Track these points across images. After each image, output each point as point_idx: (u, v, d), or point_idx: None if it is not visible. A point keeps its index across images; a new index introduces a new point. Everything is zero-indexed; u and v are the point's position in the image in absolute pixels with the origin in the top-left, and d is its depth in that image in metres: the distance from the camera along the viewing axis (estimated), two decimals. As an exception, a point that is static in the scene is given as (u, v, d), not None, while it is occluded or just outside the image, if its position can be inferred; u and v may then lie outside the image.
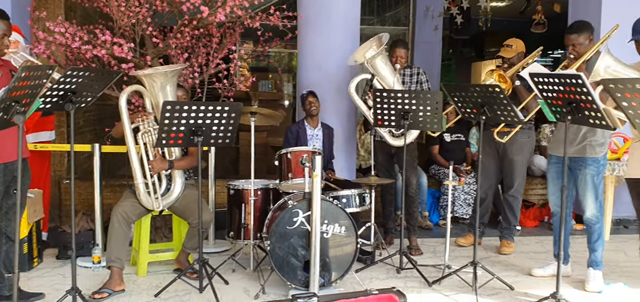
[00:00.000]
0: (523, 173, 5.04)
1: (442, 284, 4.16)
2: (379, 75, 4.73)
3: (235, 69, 5.17)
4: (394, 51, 4.86)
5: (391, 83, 4.72)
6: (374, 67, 4.72)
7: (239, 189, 4.42)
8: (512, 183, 4.99)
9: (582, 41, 3.98)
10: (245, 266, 4.39)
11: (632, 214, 6.06)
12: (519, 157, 4.92)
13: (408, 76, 4.99)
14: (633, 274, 4.43)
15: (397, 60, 4.81)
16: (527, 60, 4.68)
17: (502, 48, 4.87)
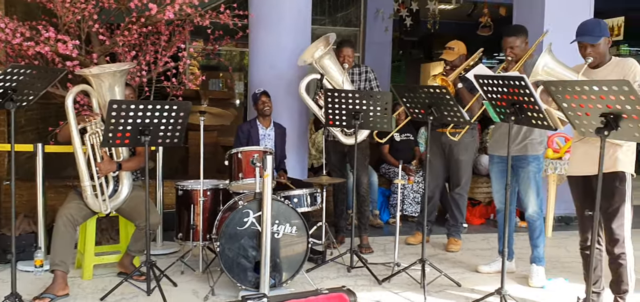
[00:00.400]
0: (469, 172, 5.17)
1: (391, 282, 4.21)
2: (328, 75, 4.77)
3: (185, 68, 5.09)
4: (341, 51, 4.91)
5: (340, 82, 4.76)
6: (322, 67, 4.75)
7: (188, 189, 4.36)
8: (458, 182, 5.12)
9: (519, 44, 4.14)
10: (195, 267, 4.33)
11: (573, 211, 6.32)
12: (464, 157, 5.04)
13: (357, 75, 5.04)
14: (573, 269, 4.60)
15: (345, 60, 4.86)
16: (469, 62, 4.80)
17: (444, 50, 4.98)
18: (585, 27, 3.40)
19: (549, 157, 5.58)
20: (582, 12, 6.16)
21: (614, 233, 3.36)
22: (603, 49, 3.36)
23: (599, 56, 3.36)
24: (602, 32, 3.35)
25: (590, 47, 3.34)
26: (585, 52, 3.37)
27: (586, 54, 3.36)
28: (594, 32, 3.34)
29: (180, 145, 3.89)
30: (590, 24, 3.42)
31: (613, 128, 2.71)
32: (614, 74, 3.28)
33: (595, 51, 3.34)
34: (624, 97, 2.58)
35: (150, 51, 4.98)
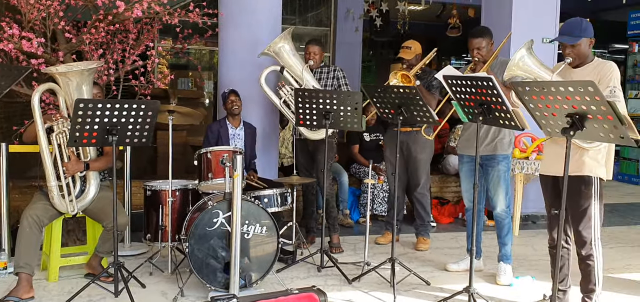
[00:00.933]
0: (427, 170, 5.22)
1: (361, 281, 4.23)
2: (287, 65, 4.79)
3: (153, 66, 5.02)
4: (307, 48, 4.96)
5: (299, 72, 4.77)
6: (281, 58, 4.77)
7: (156, 189, 4.30)
8: (418, 181, 5.16)
9: (485, 45, 4.20)
10: (163, 268, 4.27)
11: (539, 210, 6.47)
12: (422, 156, 5.10)
13: (325, 74, 5.06)
14: (540, 267, 4.69)
15: (311, 57, 4.90)
16: (425, 60, 4.87)
17: (401, 49, 5.03)
18: (566, 26, 3.40)
19: (516, 156, 5.68)
20: (549, 13, 6.29)
21: (581, 235, 3.40)
22: (583, 49, 3.34)
23: (578, 57, 3.36)
24: (583, 32, 3.33)
25: (569, 47, 3.35)
26: (565, 52, 3.39)
27: (566, 54, 3.38)
28: (573, 33, 3.34)
29: (149, 145, 3.84)
30: (572, 23, 3.39)
31: (578, 128, 2.76)
32: (592, 75, 3.28)
33: (574, 51, 3.34)
34: (589, 97, 2.64)
35: (118, 49, 4.90)
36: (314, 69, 4.98)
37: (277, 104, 4.90)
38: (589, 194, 3.36)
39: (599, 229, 3.41)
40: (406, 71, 4.81)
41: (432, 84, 4.96)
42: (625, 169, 9.79)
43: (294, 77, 4.82)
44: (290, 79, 4.83)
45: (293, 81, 4.83)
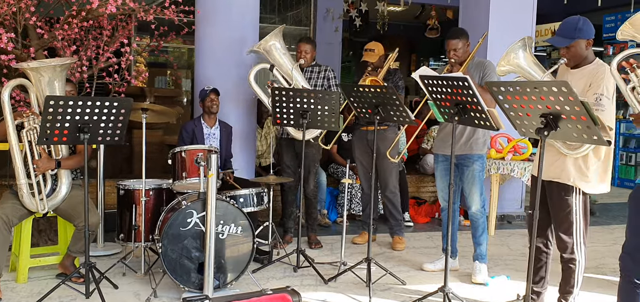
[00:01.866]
0: (396, 170, 5.22)
1: (338, 281, 4.21)
2: (277, 63, 4.75)
3: (127, 64, 4.94)
4: (298, 46, 4.95)
5: (289, 71, 4.74)
6: (271, 56, 4.73)
7: (130, 189, 4.24)
8: (387, 183, 5.15)
9: (461, 46, 4.20)
10: (136, 269, 4.20)
11: (515, 210, 6.52)
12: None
13: (316, 73, 5.04)
14: (515, 267, 4.72)
15: (302, 55, 4.89)
16: (389, 61, 4.88)
17: (364, 52, 5.04)
18: (562, 26, 3.31)
19: (492, 157, 5.71)
20: (525, 15, 6.35)
21: (562, 239, 3.38)
22: (578, 51, 3.25)
23: (573, 58, 3.28)
24: (577, 34, 3.22)
25: (563, 48, 3.28)
26: (560, 52, 3.32)
27: (561, 54, 3.32)
28: (567, 34, 3.25)
29: (122, 144, 3.77)
30: (567, 24, 3.29)
31: (552, 128, 2.76)
32: (585, 79, 3.24)
33: (568, 53, 3.27)
34: (562, 98, 2.64)
35: (91, 46, 4.82)
36: (305, 68, 4.95)
37: (266, 102, 4.87)
38: (569, 201, 3.32)
39: (582, 235, 3.35)
40: (372, 74, 4.82)
41: (398, 85, 4.98)
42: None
43: (284, 76, 4.79)
44: (280, 78, 4.80)
45: (282, 80, 4.80)
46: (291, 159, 5.14)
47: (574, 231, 3.34)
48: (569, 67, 3.37)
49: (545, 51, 10.85)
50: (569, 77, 3.32)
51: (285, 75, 4.80)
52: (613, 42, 9.95)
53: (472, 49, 4.26)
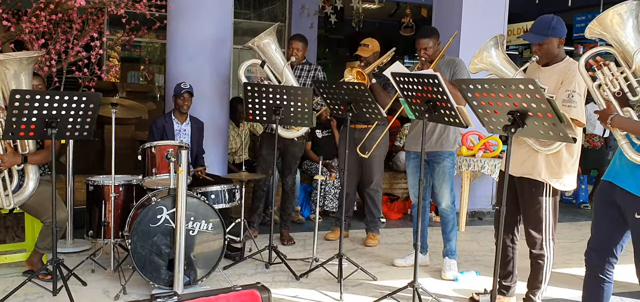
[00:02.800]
0: (381, 168, 5.26)
1: (309, 277, 4.22)
2: (270, 61, 4.73)
3: (97, 58, 4.87)
4: (291, 43, 4.96)
5: (281, 69, 4.73)
6: (264, 53, 4.73)
7: (99, 185, 4.18)
8: (371, 178, 5.19)
9: (432, 45, 4.25)
10: (106, 266, 4.15)
11: (485, 206, 6.60)
12: (376, 153, 5.12)
13: (305, 72, 5.03)
14: (485, 262, 4.78)
15: (294, 53, 4.88)
16: (382, 59, 4.90)
17: (359, 47, 5.05)
18: (536, 23, 3.37)
19: (463, 154, 5.77)
20: (497, 14, 6.42)
21: (531, 235, 3.45)
22: (550, 48, 3.32)
23: (545, 55, 3.34)
24: (551, 31, 3.29)
25: (535, 46, 3.34)
26: (533, 49, 3.39)
27: (534, 51, 3.38)
28: (540, 31, 3.31)
29: (92, 139, 3.72)
30: (540, 22, 3.35)
31: (519, 125, 2.80)
32: (556, 76, 3.31)
33: (540, 50, 3.33)
34: (529, 95, 2.68)
35: (61, 40, 4.74)
36: (295, 66, 4.94)
37: None
38: (539, 197, 3.38)
39: (551, 231, 3.42)
40: (363, 69, 4.83)
41: (389, 83, 4.99)
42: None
43: (274, 73, 4.77)
44: (270, 74, 4.78)
45: (272, 76, 4.78)
46: (269, 153, 5.12)
47: (544, 227, 3.41)
48: (540, 65, 3.42)
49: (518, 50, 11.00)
50: (540, 75, 3.38)
51: (276, 73, 4.78)
52: (583, 42, 10.12)
53: (443, 48, 4.30)
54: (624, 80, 2.71)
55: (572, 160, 3.36)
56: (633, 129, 2.70)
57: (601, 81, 2.77)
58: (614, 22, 2.73)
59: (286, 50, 4.94)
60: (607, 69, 2.75)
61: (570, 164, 3.36)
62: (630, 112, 2.73)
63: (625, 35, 2.72)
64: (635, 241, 2.81)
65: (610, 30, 2.76)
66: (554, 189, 3.38)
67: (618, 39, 2.74)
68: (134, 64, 10.35)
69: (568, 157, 3.35)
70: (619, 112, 2.72)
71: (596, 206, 3.03)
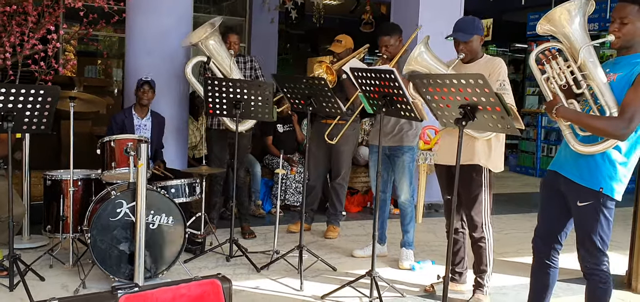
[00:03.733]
0: (348, 162, 5.36)
1: (270, 269, 4.28)
2: (215, 57, 4.75)
3: (54, 51, 4.80)
4: (227, 37, 4.95)
5: (227, 65, 4.75)
6: (209, 49, 4.73)
7: (57, 179, 4.15)
8: (339, 172, 5.29)
9: (393, 42, 4.36)
10: (64, 260, 4.12)
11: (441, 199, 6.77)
12: (345, 148, 5.22)
13: (242, 64, 5.06)
14: (441, 252, 4.92)
15: (230, 46, 4.89)
16: (354, 55, 4.98)
17: (332, 43, 5.14)
18: (460, 24, 3.62)
19: (420, 148, 5.91)
20: (454, 12, 6.57)
21: (473, 219, 3.65)
22: (475, 46, 3.59)
23: (470, 52, 3.59)
24: (475, 30, 3.57)
25: (462, 43, 3.56)
26: (458, 48, 3.60)
27: (459, 50, 3.59)
28: (467, 30, 3.56)
29: (49, 133, 3.69)
30: (465, 21, 3.62)
31: (470, 119, 2.92)
32: (482, 70, 3.48)
33: (467, 47, 3.56)
34: (479, 90, 2.80)
35: (15, 32, 4.66)
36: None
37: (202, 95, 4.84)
38: (479, 181, 3.60)
39: (489, 214, 3.66)
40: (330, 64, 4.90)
41: None
42: (523, 162, 10.42)
43: (220, 68, 4.79)
44: (216, 70, 4.79)
45: (218, 72, 4.80)
46: (221, 150, 5.15)
47: (482, 209, 3.64)
48: (463, 63, 3.64)
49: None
50: (465, 72, 3.58)
51: (222, 68, 4.80)
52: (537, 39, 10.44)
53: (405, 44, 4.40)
54: (569, 73, 2.87)
55: (500, 144, 3.63)
56: (576, 119, 2.85)
57: (549, 74, 2.92)
58: (562, 18, 2.88)
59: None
60: (555, 62, 2.90)
61: (498, 147, 3.63)
62: (575, 104, 2.89)
63: (573, 31, 2.87)
64: (577, 229, 2.97)
65: (558, 26, 2.91)
66: (490, 172, 3.62)
67: (566, 35, 2.89)
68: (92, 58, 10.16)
69: (496, 141, 3.60)
70: (564, 103, 2.87)
71: (542, 195, 3.19)
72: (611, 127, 2.72)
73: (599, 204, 2.83)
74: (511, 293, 4.06)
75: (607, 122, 2.74)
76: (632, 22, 2.74)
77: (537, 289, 3.24)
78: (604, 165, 2.81)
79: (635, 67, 2.72)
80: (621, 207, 2.93)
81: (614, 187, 2.82)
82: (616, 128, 2.70)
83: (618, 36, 2.78)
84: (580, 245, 2.96)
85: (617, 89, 2.78)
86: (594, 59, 2.83)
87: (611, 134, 2.73)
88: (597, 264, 2.91)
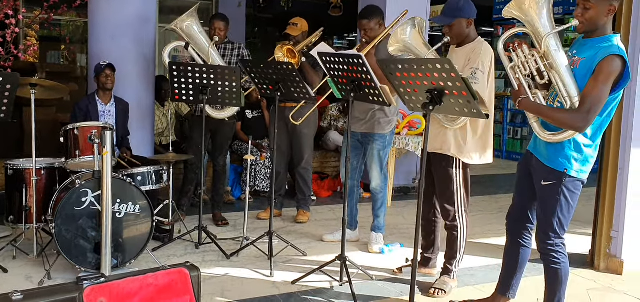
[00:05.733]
0: (311, 145, 5.35)
1: (240, 256, 4.26)
2: (194, 42, 4.68)
3: (13, 37, 4.67)
4: (212, 23, 4.89)
5: (206, 49, 4.69)
6: (187, 35, 4.68)
7: (19, 168, 4.04)
8: (302, 156, 5.28)
9: (373, 26, 4.31)
10: (28, 252, 4.02)
11: (410, 182, 6.84)
12: (306, 131, 5.21)
13: (229, 50, 5.01)
14: (409, 235, 4.97)
15: (216, 33, 4.84)
16: (311, 38, 4.95)
17: (288, 26, 5.09)
18: (445, 7, 3.53)
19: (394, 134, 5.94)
20: (423, -5, 6.59)
21: (445, 208, 3.65)
22: (459, 29, 3.48)
23: (456, 36, 3.50)
24: (460, 12, 3.45)
25: (446, 27, 3.51)
26: (444, 31, 3.54)
27: (444, 33, 3.54)
28: (448, 13, 3.48)
29: (9, 121, 3.59)
30: (449, 4, 3.51)
31: (437, 103, 2.94)
32: (465, 55, 3.48)
33: (451, 31, 3.49)
34: (446, 74, 2.82)
35: (-28, 17, 4.51)
36: (218, 45, 4.89)
37: None
38: (450, 171, 3.58)
39: (463, 203, 3.62)
40: (292, 46, 4.86)
41: (317, 63, 5.05)
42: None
43: (199, 54, 4.71)
44: (195, 55, 4.71)
45: (198, 58, 4.73)
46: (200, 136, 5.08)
47: (456, 200, 3.61)
48: (454, 46, 3.59)
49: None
50: (454, 56, 3.57)
51: (201, 54, 4.73)
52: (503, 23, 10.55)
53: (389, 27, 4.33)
54: (534, 63, 2.90)
55: (476, 137, 3.55)
56: (537, 112, 2.90)
57: (516, 63, 2.95)
58: (530, 6, 2.90)
59: (209, 30, 4.87)
60: (520, 50, 2.93)
61: (475, 140, 3.55)
62: (539, 95, 2.93)
63: (539, 19, 2.89)
64: (538, 208, 3.03)
65: (526, 13, 2.93)
66: (463, 164, 3.58)
67: (532, 23, 2.92)
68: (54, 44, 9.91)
69: (472, 134, 3.53)
70: (528, 94, 2.91)
71: (517, 175, 3.24)
72: (570, 120, 2.78)
73: (562, 184, 2.89)
74: (479, 274, 4.13)
75: (566, 115, 2.80)
76: (594, 7, 2.78)
77: (509, 267, 3.32)
78: (570, 147, 2.88)
79: (598, 52, 2.77)
80: (585, 187, 2.99)
81: (580, 168, 2.89)
82: (575, 120, 2.76)
83: (581, 21, 2.82)
84: (539, 224, 3.03)
85: (580, 76, 2.83)
86: (558, 46, 2.87)
87: (570, 126, 2.79)
88: (551, 246, 2.99)
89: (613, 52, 2.72)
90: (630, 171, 4.13)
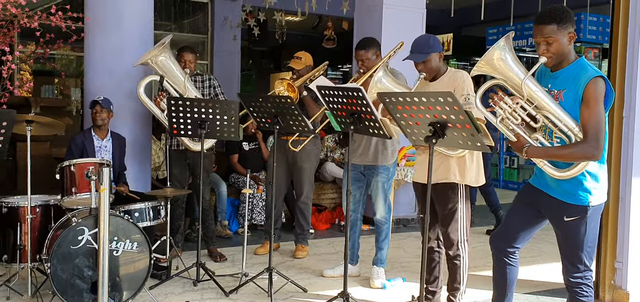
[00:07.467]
0: (311, 179, 5.30)
1: (239, 293, 4.18)
2: (168, 75, 4.64)
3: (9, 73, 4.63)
4: (181, 55, 4.87)
5: (181, 81, 4.66)
6: (161, 68, 4.64)
7: (14, 206, 3.96)
8: (301, 190, 5.22)
9: (370, 56, 4.32)
10: (22, 292, 3.93)
11: (410, 213, 6.79)
12: (306, 165, 5.16)
13: (200, 83, 4.98)
14: (411, 268, 4.92)
15: (186, 65, 4.81)
16: (314, 72, 4.95)
17: (292, 60, 5.10)
18: (415, 45, 3.62)
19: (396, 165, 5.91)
20: (415, 27, 6.63)
21: (449, 237, 3.62)
22: (433, 64, 3.58)
23: (430, 71, 3.59)
24: (431, 48, 3.56)
25: (420, 64, 3.57)
26: (418, 68, 3.60)
27: (419, 70, 3.59)
28: (422, 50, 3.56)
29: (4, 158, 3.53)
30: (419, 41, 3.62)
31: (440, 136, 2.91)
32: (447, 86, 3.52)
33: (425, 67, 3.57)
34: (448, 107, 2.80)
35: (-33, 54, 4.48)
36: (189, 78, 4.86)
37: (159, 116, 4.71)
38: (455, 198, 3.57)
39: (465, 232, 3.62)
40: (294, 81, 4.85)
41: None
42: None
43: (174, 87, 4.68)
44: (171, 89, 4.68)
45: (173, 91, 4.69)
46: (181, 171, 5.03)
47: (459, 227, 3.61)
48: (428, 81, 3.64)
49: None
50: (430, 90, 3.58)
51: (176, 87, 4.69)
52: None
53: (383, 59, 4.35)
54: (521, 110, 2.89)
55: (475, 158, 3.62)
56: (546, 156, 2.88)
57: (502, 115, 2.93)
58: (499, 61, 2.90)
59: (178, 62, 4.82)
60: (503, 103, 2.90)
61: (474, 163, 3.61)
62: (539, 138, 2.91)
63: (510, 68, 2.89)
64: (562, 243, 2.98)
65: (496, 67, 2.93)
66: (466, 192, 3.58)
67: (504, 73, 2.91)
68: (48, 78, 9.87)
69: (471, 157, 3.59)
70: (529, 142, 2.89)
71: (516, 204, 3.21)
72: (582, 151, 2.77)
73: (586, 217, 2.86)
74: (482, 308, 4.07)
75: (576, 148, 2.79)
76: (556, 40, 2.81)
77: (499, 286, 3.28)
78: (585, 179, 2.85)
79: (577, 80, 2.79)
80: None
81: (600, 193, 2.89)
82: (587, 151, 2.75)
83: (549, 57, 2.85)
84: (564, 258, 2.99)
85: (568, 107, 2.83)
86: (537, 87, 2.87)
87: (585, 158, 2.78)
88: (580, 278, 2.94)
89: (594, 75, 2.76)
90: (632, 201, 4.11)
